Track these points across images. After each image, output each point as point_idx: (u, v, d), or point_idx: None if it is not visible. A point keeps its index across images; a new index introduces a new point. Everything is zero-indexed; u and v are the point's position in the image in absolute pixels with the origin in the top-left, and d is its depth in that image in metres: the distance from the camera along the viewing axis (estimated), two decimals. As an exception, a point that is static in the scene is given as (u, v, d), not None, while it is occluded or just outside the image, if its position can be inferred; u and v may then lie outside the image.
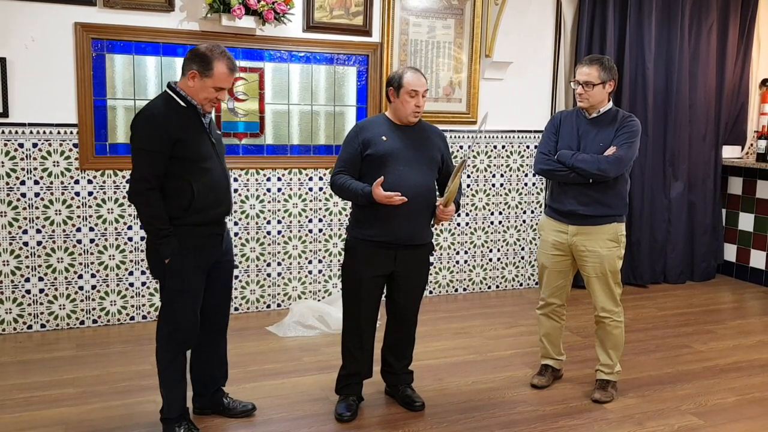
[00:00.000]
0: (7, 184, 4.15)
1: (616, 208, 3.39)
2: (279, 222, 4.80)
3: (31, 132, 4.17)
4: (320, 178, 4.86)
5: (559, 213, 3.47)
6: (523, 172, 5.50)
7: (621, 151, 3.29)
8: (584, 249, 3.40)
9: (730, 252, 6.17)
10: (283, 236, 4.82)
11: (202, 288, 2.92)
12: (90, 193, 4.32)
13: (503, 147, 5.41)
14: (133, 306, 4.50)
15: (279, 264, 4.84)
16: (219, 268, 3.01)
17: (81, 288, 4.37)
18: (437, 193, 3.24)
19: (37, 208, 4.22)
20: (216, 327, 3.11)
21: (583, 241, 3.40)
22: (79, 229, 4.31)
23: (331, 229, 4.95)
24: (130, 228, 4.42)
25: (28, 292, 4.26)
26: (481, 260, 5.48)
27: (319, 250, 4.94)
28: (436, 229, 5.18)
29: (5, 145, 4.12)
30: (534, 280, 5.67)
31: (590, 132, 3.39)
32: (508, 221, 5.51)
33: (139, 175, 2.73)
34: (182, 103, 2.80)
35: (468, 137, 5.24)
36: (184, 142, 2.73)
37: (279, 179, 4.76)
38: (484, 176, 5.38)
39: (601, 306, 3.46)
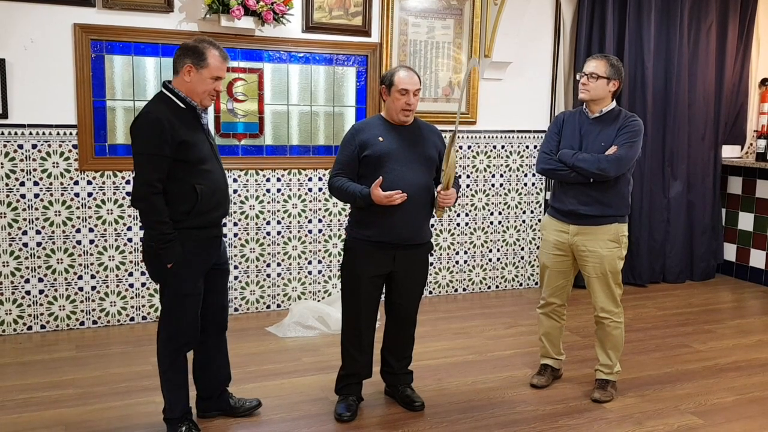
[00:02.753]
0: (7, 185, 4.15)
1: (617, 208, 3.39)
2: (278, 222, 4.80)
3: (30, 133, 4.17)
4: (320, 179, 4.86)
5: (560, 212, 3.47)
6: (523, 172, 5.50)
7: (621, 151, 3.29)
8: (585, 249, 3.40)
9: (729, 251, 6.17)
10: (282, 237, 4.82)
11: (202, 291, 2.92)
12: (89, 194, 4.32)
13: (502, 147, 5.41)
14: (132, 307, 4.50)
15: (279, 264, 4.84)
16: (217, 269, 3.01)
17: (81, 289, 4.37)
18: (435, 189, 3.19)
19: (36, 209, 4.22)
20: (217, 328, 3.12)
21: (583, 240, 3.40)
22: (78, 230, 4.32)
23: (331, 230, 4.95)
24: (129, 229, 4.42)
25: (27, 293, 4.26)
26: (481, 260, 5.48)
27: (319, 250, 4.94)
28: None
29: (5, 146, 4.12)
30: (534, 280, 5.67)
31: (592, 132, 3.40)
32: (508, 221, 5.51)
33: (142, 179, 2.68)
34: (181, 105, 2.79)
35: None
36: (187, 145, 2.71)
37: (278, 180, 4.76)
38: (484, 176, 5.38)
39: (601, 306, 3.46)
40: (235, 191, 4.62)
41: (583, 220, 3.38)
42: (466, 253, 5.42)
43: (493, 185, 5.42)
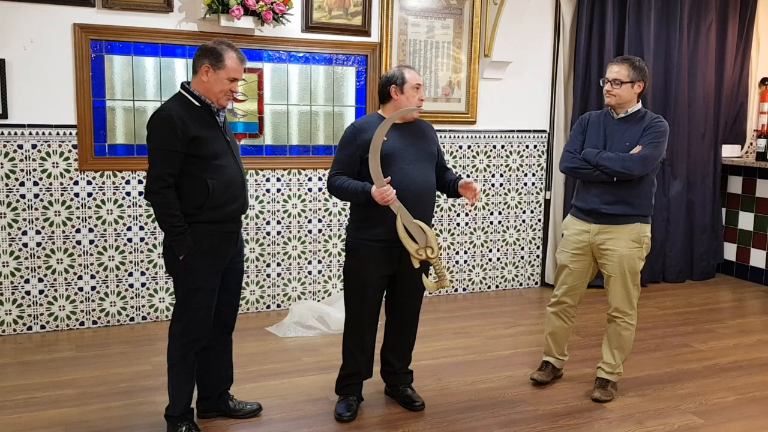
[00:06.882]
0: (7, 185, 4.15)
1: (640, 208, 3.38)
2: (278, 222, 4.80)
3: (30, 133, 4.16)
4: (319, 179, 4.86)
5: (582, 211, 3.47)
6: (523, 171, 5.50)
7: (647, 150, 3.28)
8: (606, 248, 3.39)
9: (729, 251, 6.17)
10: (282, 237, 4.82)
11: (216, 287, 2.94)
12: (89, 194, 4.32)
13: (502, 147, 5.40)
14: (132, 307, 4.50)
15: (278, 264, 4.84)
16: (231, 268, 3.03)
17: (81, 289, 4.37)
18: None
19: (36, 209, 4.21)
20: (224, 328, 3.12)
21: (604, 239, 3.39)
22: (78, 230, 4.31)
23: (331, 230, 4.95)
24: (129, 229, 4.42)
25: (27, 293, 4.26)
26: (481, 260, 5.47)
27: (319, 250, 4.94)
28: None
29: (4, 146, 4.12)
30: (534, 280, 5.67)
31: (617, 132, 3.40)
32: (508, 221, 5.51)
33: (155, 174, 2.76)
34: (196, 103, 2.85)
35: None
36: (200, 140, 2.78)
37: (278, 180, 4.76)
38: (484, 176, 5.38)
39: (615, 306, 3.45)
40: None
41: (606, 219, 3.38)
42: (466, 252, 5.41)
43: (493, 185, 5.42)
